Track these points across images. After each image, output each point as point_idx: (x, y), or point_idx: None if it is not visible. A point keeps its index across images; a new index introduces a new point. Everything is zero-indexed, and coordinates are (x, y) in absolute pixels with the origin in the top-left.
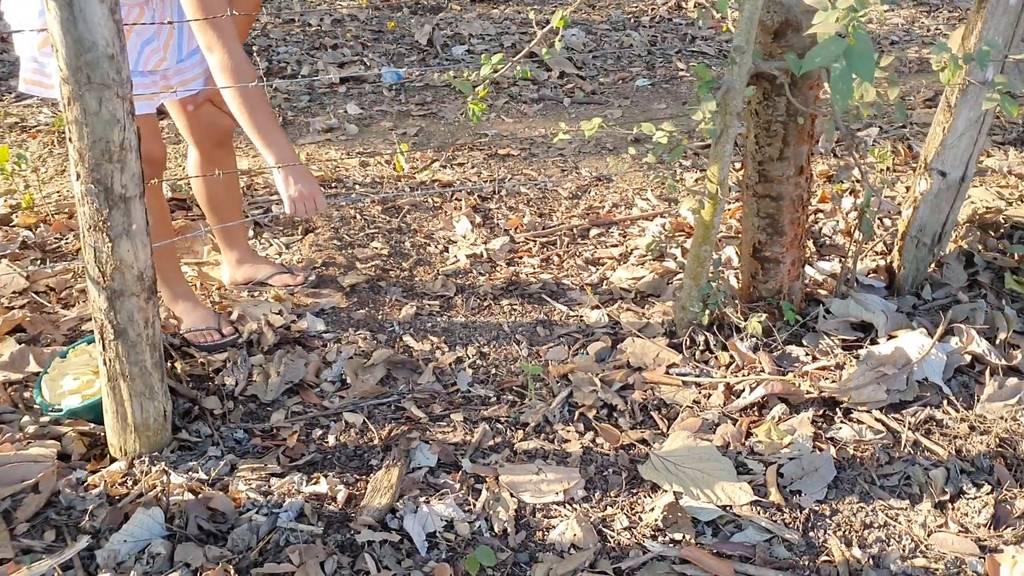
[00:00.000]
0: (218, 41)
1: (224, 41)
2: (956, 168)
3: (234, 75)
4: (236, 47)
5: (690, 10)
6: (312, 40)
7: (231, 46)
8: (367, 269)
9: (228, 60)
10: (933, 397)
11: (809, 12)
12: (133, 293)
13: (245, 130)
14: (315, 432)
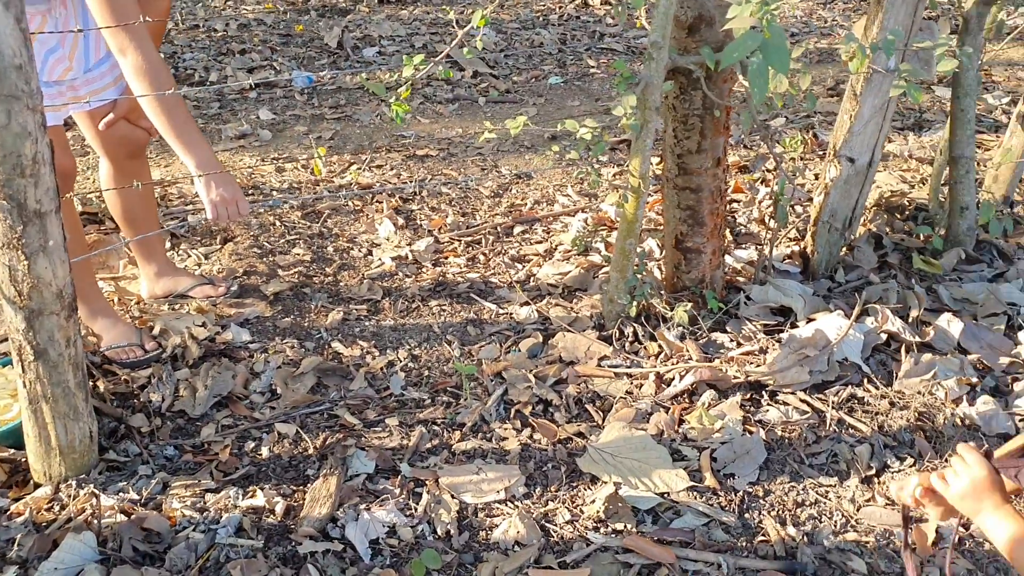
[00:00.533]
0: (131, 43)
1: (137, 43)
2: (864, 154)
3: (150, 78)
4: (150, 49)
5: (596, 8)
6: (218, 46)
7: (145, 48)
8: (290, 276)
9: (143, 62)
10: (853, 376)
11: (722, 7)
12: (52, 311)
13: (163, 134)
14: (247, 445)
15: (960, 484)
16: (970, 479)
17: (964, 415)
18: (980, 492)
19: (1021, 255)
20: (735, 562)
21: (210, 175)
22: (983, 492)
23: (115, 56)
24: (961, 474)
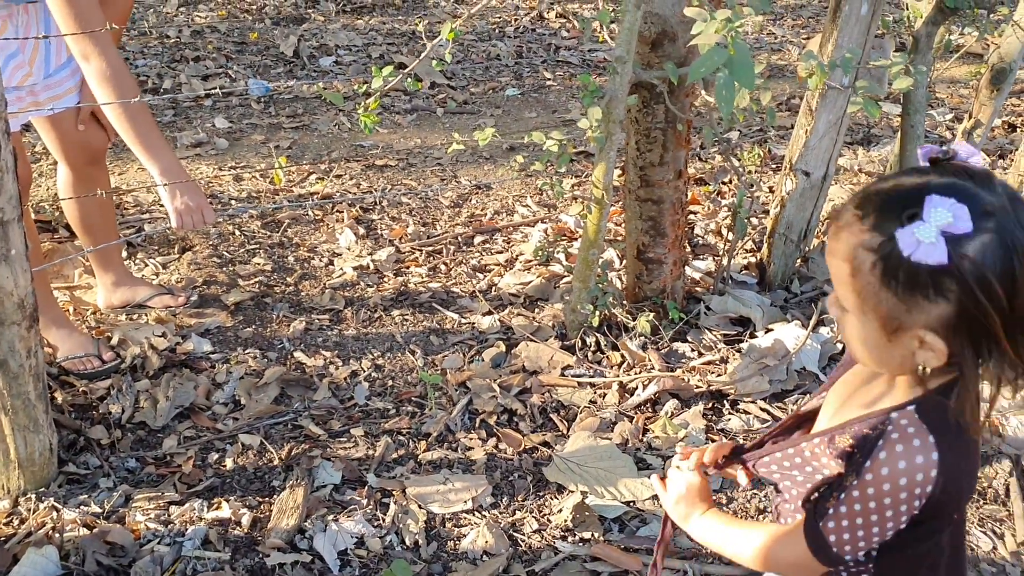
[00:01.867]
0: (94, 49)
1: (101, 48)
2: (819, 168)
3: (113, 84)
4: (113, 54)
5: (552, 21)
6: (172, 52)
7: (108, 54)
8: (251, 286)
9: (106, 68)
10: (811, 385)
11: (684, 23)
12: (14, 322)
13: (126, 141)
14: (211, 456)
15: (675, 491)
16: (686, 486)
17: None
18: (692, 499)
19: None
20: (701, 568)
21: (174, 183)
22: (695, 499)
23: (78, 62)
24: (676, 481)
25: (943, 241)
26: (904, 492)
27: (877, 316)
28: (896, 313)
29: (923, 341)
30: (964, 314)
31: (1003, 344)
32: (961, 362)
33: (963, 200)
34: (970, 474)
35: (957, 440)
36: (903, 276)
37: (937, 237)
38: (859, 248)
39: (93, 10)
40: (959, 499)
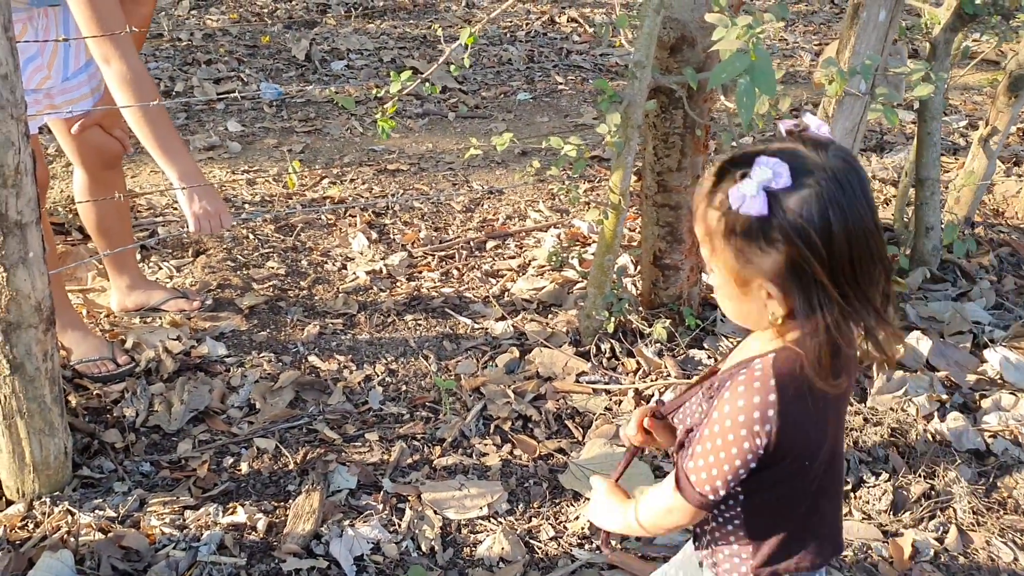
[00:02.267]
0: (115, 52)
1: (122, 52)
2: None
3: (134, 87)
4: (134, 58)
5: (563, 25)
6: (184, 56)
7: (129, 57)
8: (265, 290)
9: (127, 72)
10: None
11: (703, 28)
12: (31, 325)
13: (145, 144)
14: (226, 460)
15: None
16: (599, 499)
17: (935, 431)
18: (610, 505)
19: (983, 275)
20: None
21: (192, 187)
22: (612, 503)
23: (99, 64)
24: (593, 500)
25: (763, 194)
26: (743, 429)
27: (728, 271)
28: (739, 266)
29: (769, 294)
30: (792, 263)
31: (831, 291)
32: (799, 311)
33: (787, 160)
34: (817, 422)
35: (800, 387)
36: (739, 229)
37: (758, 191)
38: (709, 209)
39: (114, 13)
40: (806, 444)
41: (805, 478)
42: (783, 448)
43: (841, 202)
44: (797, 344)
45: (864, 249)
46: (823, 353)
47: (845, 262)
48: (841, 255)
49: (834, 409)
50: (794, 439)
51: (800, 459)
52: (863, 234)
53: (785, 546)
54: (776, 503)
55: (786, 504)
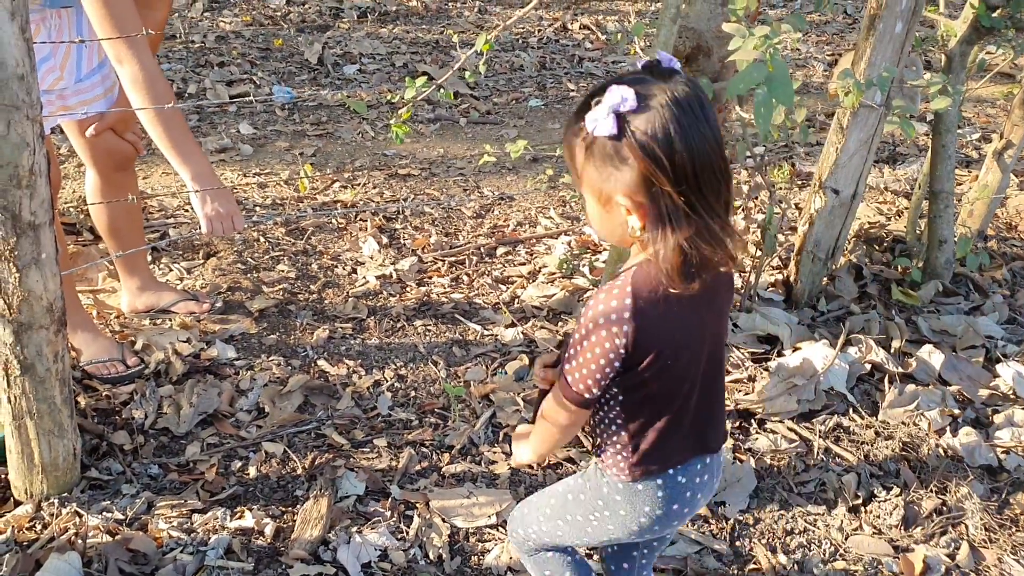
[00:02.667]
0: (129, 53)
1: (135, 52)
2: (848, 186)
3: (148, 88)
4: (148, 59)
5: (575, 32)
6: (196, 57)
7: (143, 58)
8: (275, 293)
9: (140, 73)
10: (839, 405)
11: (720, 38)
12: (42, 326)
13: (159, 145)
14: (234, 464)
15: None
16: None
17: (947, 446)
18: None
19: (996, 289)
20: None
21: (205, 189)
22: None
23: (113, 65)
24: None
25: (613, 116)
26: (603, 331)
27: (592, 191)
28: (600, 184)
29: (627, 208)
30: (643, 178)
31: (677, 200)
32: (650, 221)
33: (634, 86)
34: (677, 323)
35: (655, 292)
36: (596, 151)
37: (608, 114)
38: (573, 137)
39: (129, 14)
40: (667, 343)
41: (672, 376)
42: (642, 347)
43: (682, 121)
44: (655, 255)
45: (706, 162)
46: (673, 258)
47: (689, 175)
48: (684, 168)
49: (700, 311)
50: (652, 338)
51: (662, 357)
52: (705, 149)
53: (659, 443)
54: (649, 401)
55: (659, 402)
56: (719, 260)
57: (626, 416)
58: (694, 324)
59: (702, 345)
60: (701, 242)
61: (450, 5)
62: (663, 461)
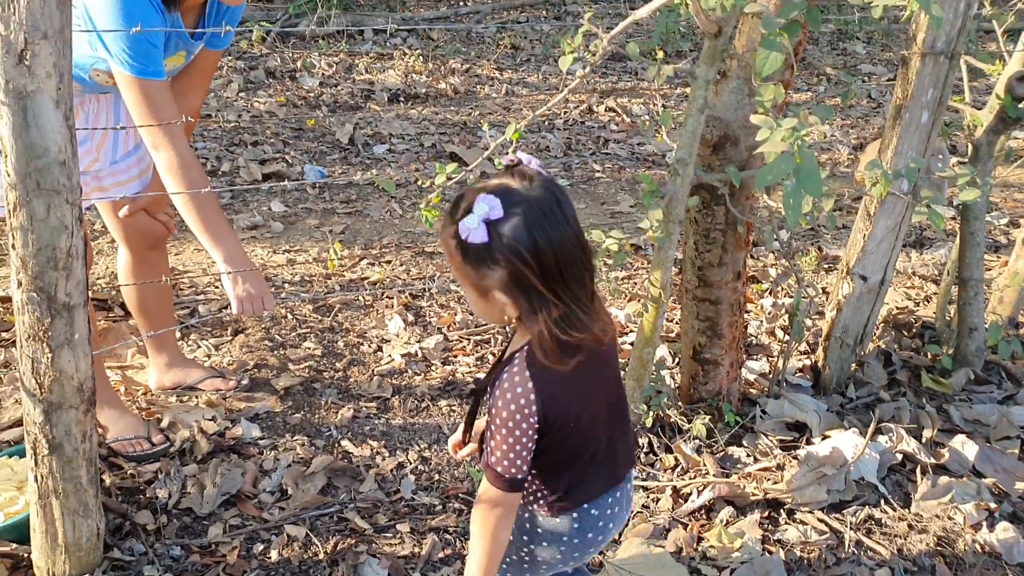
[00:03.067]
0: (164, 139)
1: (171, 140)
2: (876, 272)
3: (182, 174)
4: (183, 146)
5: (601, 114)
6: (231, 136)
7: (178, 145)
8: (301, 371)
9: (176, 160)
10: (870, 496)
11: (746, 127)
12: (72, 406)
13: (192, 228)
14: (256, 547)
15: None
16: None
17: (984, 542)
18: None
19: None
20: None
21: (237, 270)
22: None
23: (149, 151)
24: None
25: (484, 225)
26: (518, 413)
27: (469, 284)
28: (477, 280)
29: (502, 301)
30: (513, 276)
31: (545, 294)
32: (524, 312)
33: (499, 195)
34: (567, 393)
35: (546, 370)
36: (471, 253)
37: (479, 224)
38: (448, 238)
39: (166, 102)
40: (567, 411)
41: (579, 432)
42: (550, 419)
43: (544, 224)
44: (533, 338)
45: (569, 258)
46: (548, 341)
47: (554, 271)
48: (550, 266)
49: (591, 372)
50: (557, 409)
51: (568, 420)
52: (566, 246)
53: (573, 484)
54: (561, 455)
55: (569, 454)
56: (590, 340)
57: (542, 469)
58: (589, 385)
59: (600, 401)
60: (570, 327)
61: (478, 88)
62: (576, 499)
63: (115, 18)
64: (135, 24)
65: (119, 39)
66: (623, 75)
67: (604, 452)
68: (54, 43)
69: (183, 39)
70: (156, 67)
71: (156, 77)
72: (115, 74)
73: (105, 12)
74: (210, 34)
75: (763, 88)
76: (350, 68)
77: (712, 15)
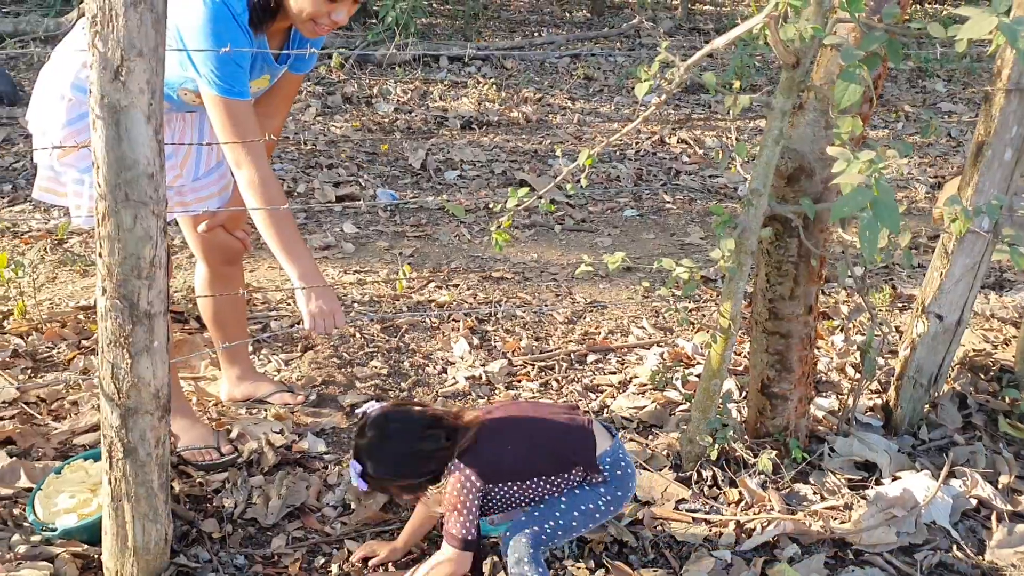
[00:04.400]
0: (247, 158)
1: (253, 158)
2: (953, 312)
3: (262, 192)
4: (264, 164)
5: (673, 145)
6: (307, 159)
7: (259, 163)
8: (367, 388)
9: (256, 177)
10: (942, 541)
11: (822, 160)
12: (148, 411)
13: (269, 244)
14: (317, 560)
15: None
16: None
17: None
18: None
19: None
20: None
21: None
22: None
23: (231, 168)
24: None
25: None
26: (465, 491)
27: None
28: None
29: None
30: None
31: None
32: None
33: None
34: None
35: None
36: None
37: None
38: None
39: (250, 122)
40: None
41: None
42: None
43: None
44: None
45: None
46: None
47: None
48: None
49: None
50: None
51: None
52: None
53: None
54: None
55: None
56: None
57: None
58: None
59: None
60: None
61: (549, 117)
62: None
63: (205, 39)
64: (224, 46)
65: (208, 60)
66: (696, 107)
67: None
68: (148, 61)
69: (268, 62)
70: (242, 88)
71: (241, 98)
72: (202, 93)
73: (196, 34)
74: (293, 58)
75: (841, 120)
76: (425, 95)
77: (791, 46)
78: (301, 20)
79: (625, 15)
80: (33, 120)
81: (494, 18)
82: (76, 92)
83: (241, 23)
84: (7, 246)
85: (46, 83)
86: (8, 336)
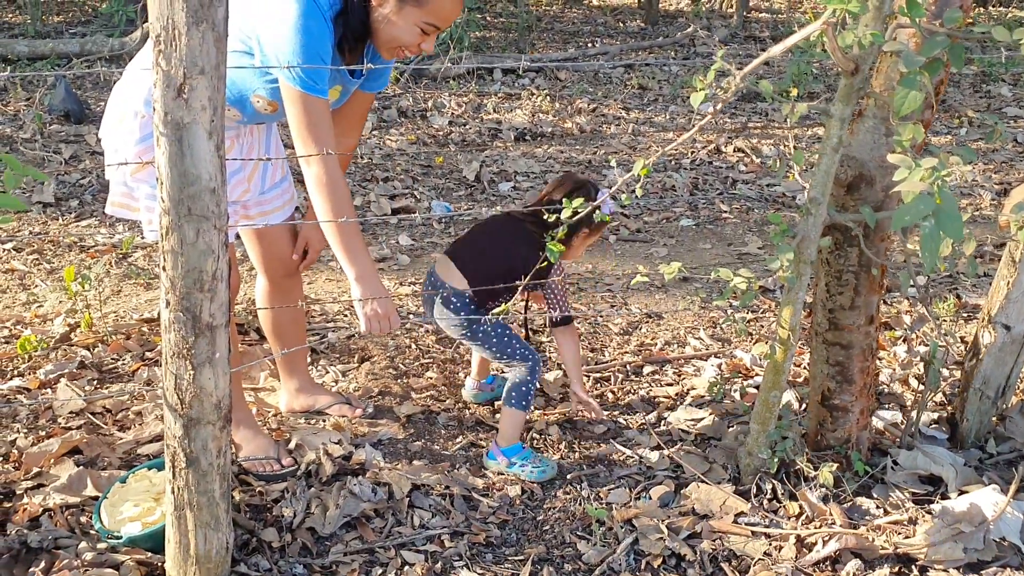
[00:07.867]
0: (318, 155)
1: (323, 157)
2: (1020, 322)
3: (328, 190)
4: (333, 163)
5: (729, 154)
6: (364, 172)
7: (328, 162)
8: (422, 399)
9: (325, 175)
10: (1012, 558)
11: (883, 167)
12: (209, 422)
13: (331, 243)
14: (375, 570)
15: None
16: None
17: None
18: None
19: None
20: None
21: (367, 289)
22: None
23: (301, 166)
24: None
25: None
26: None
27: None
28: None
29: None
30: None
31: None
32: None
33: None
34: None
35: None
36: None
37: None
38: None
39: (325, 119)
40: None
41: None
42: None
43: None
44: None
45: None
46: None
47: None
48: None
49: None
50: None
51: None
52: None
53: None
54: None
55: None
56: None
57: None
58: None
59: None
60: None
61: (603, 127)
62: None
63: (295, 34)
64: (314, 42)
65: (295, 54)
66: (753, 115)
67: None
68: (210, 78)
69: (342, 74)
70: (322, 85)
71: (321, 95)
72: (282, 88)
73: (288, 29)
74: (367, 76)
75: (901, 127)
76: (478, 107)
77: (849, 53)
78: (389, 48)
79: (679, 24)
80: (106, 137)
81: (547, 30)
82: (149, 108)
83: (329, 23)
84: (74, 260)
85: (119, 100)
86: (75, 348)
